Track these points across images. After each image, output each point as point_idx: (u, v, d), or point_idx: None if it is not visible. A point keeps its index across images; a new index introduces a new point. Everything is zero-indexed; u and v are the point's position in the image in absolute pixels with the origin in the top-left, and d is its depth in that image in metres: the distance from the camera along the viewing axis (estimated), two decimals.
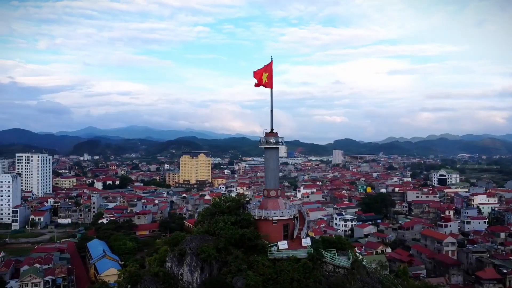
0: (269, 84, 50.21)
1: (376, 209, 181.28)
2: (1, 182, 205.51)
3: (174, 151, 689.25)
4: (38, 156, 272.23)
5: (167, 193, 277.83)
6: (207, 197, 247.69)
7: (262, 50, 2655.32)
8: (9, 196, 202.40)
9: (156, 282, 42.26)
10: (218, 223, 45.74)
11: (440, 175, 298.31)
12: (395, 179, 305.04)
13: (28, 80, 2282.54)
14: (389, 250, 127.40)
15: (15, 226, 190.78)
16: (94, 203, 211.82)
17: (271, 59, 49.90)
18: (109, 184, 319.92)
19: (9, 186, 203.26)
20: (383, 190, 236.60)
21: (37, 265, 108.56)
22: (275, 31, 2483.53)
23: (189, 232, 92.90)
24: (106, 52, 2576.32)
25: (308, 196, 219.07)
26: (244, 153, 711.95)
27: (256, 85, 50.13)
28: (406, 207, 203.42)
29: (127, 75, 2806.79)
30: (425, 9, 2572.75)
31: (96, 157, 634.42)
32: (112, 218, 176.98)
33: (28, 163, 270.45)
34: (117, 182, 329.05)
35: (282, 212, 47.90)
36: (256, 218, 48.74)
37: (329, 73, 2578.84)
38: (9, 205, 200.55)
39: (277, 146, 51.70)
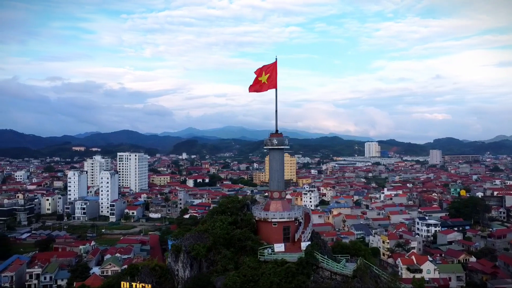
0: (273, 85, 49.14)
1: (466, 215, 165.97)
2: (101, 178, 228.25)
3: (265, 150, 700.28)
4: (136, 155, 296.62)
5: (251, 191, 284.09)
6: (288, 196, 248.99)
7: (356, 47, 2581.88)
8: (108, 191, 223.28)
9: (153, 276, 44.27)
10: (216, 222, 46.17)
11: None
12: (497, 182, 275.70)
13: (135, 85, 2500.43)
14: (473, 259, 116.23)
15: (112, 219, 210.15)
16: (180, 200, 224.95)
17: (276, 59, 48.85)
18: (200, 182, 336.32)
19: (108, 182, 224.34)
20: (479, 194, 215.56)
21: (118, 255, 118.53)
22: (369, 27, 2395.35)
23: None
24: (204, 57, 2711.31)
25: (391, 198, 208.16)
26: (335, 152, 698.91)
27: (250, 90, 49.32)
28: (504, 213, 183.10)
29: (223, 77, 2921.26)
30: None
31: (193, 156, 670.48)
32: (194, 214, 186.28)
33: (127, 161, 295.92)
34: (207, 180, 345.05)
35: (281, 214, 46.72)
36: (256, 219, 48.25)
37: (428, 67, 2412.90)
38: (108, 199, 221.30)
39: (281, 147, 50.42)
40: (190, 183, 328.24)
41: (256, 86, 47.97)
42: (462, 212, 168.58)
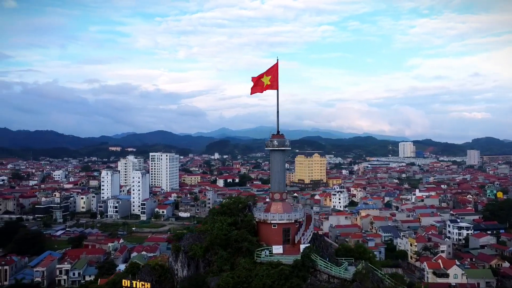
0: (274, 86, 48.56)
1: (501, 217, 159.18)
2: (133, 178, 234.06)
3: (297, 150, 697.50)
4: (167, 155, 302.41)
5: None
6: (317, 197, 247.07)
7: (390, 45, 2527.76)
8: (139, 190, 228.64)
9: (153, 275, 44.87)
10: (216, 223, 46.20)
11: None
12: None
13: (170, 87, 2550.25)
14: (506, 265, 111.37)
15: (143, 217, 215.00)
16: (209, 199, 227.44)
17: (277, 59, 48.38)
18: (230, 181, 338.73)
19: (139, 182, 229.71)
20: None
21: (144, 253, 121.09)
22: (404, 24, 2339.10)
23: None
24: (236, 58, 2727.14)
25: (422, 200, 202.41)
26: (368, 152, 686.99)
27: (251, 92, 49.00)
28: None
29: None
30: None
31: (225, 156, 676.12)
32: None
33: (159, 161, 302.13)
34: (237, 180, 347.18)
35: (281, 216, 46.16)
36: (257, 220, 47.93)
37: (466, 65, 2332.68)
38: (139, 198, 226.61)
39: (282, 148, 49.81)
40: (220, 183, 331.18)
41: (257, 88, 47.78)
42: (497, 215, 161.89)
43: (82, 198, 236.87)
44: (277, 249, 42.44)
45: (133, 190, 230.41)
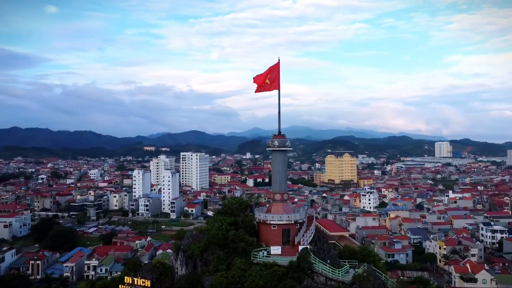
0: (276, 86, 48.24)
1: None
2: (163, 177, 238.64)
3: (329, 150, 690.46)
4: (197, 155, 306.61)
5: (310, 192, 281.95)
6: (346, 197, 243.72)
7: (427, 42, 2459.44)
8: (169, 189, 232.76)
9: (153, 273, 45.47)
10: (216, 222, 46.20)
11: None
12: None
13: (203, 87, 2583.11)
14: None
15: (172, 216, 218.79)
16: None
17: (278, 59, 47.79)
18: (260, 181, 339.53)
19: (169, 181, 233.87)
20: None
21: (169, 251, 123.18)
22: (441, 20, 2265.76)
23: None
24: (268, 57, 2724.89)
25: (455, 202, 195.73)
26: (403, 152, 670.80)
27: (256, 91, 48.68)
28: None
29: (288, 77, 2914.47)
30: None
31: (257, 156, 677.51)
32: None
33: (189, 161, 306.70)
34: (266, 180, 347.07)
35: (280, 217, 45.62)
36: (257, 221, 47.60)
37: (508, 61, 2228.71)
38: (169, 197, 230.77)
39: (283, 149, 49.23)
40: (250, 182, 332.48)
41: (261, 87, 47.63)
42: None
43: (115, 197, 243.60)
44: (275, 250, 42.22)
45: (163, 189, 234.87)
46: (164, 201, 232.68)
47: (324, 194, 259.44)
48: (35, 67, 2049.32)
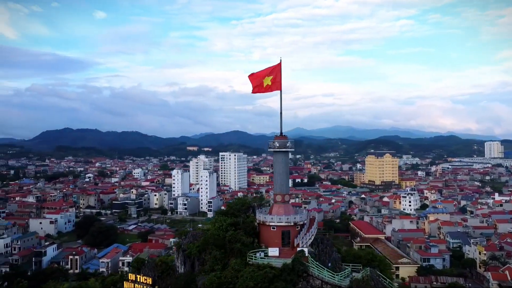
0: (277, 86, 47.37)
1: None
2: (201, 177, 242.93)
3: (372, 150, 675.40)
4: (235, 155, 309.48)
5: (349, 192, 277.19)
6: (385, 199, 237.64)
7: (476, 37, 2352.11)
8: (207, 188, 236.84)
9: (155, 270, 46.10)
10: (216, 223, 46.12)
11: None
12: None
13: (245, 88, 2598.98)
14: None
15: (209, 215, 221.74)
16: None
17: (280, 60, 46.95)
18: (298, 181, 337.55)
19: (207, 181, 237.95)
20: None
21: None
22: (491, 14, 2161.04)
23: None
24: (310, 57, 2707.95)
25: (501, 205, 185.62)
26: (450, 153, 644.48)
27: (253, 91, 48.21)
28: None
29: (330, 76, 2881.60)
30: None
31: (298, 156, 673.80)
32: None
33: (228, 161, 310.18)
34: (305, 180, 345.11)
35: (279, 218, 44.89)
36: (257, 222, 47.18)
37: None
38: (207, 196, 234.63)
39: (284, 150, 48.42)
40: (289, 183, 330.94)
41: (260, 88, 47.20)
42: None
43: (155, 195, 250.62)
44: (273, 251, 41.89)
45: (201, 188, 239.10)
46: (201, 200, 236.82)
47: (363, 195, 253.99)
48: (85, 70, 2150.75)
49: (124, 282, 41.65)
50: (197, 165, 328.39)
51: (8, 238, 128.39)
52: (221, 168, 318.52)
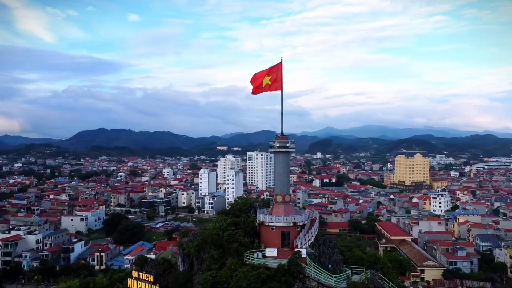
0: (278, 86, 46.91)
1: None
2: (227, 176, 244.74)
3: (404, 150, 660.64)
4: (262, 155, 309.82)
5: (378, 193, 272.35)
6: (415, 200, 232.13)
7: None
8: (233, 188, 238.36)
9: (157, 268, 46.56)
10: (217, 222, 46.10)
11: None
12: None
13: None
14: None
15: None
16: (299, 198, 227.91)
17: (281, 59, 46.33)
18: (326, 181, 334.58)
19: (233, 180, 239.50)
20: None
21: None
22: None
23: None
24: (341, 55, 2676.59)
25: None
26: (486, 152, 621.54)
27: (253, 92, 47.79)
28: None
29: (362, 75, 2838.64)
30: None
31: (327, 156, 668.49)
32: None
33: (255, 160, 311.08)
34: (334, 180, 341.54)
35: (279, 218, 44.35)
36: (258, 222, 46.85)
37: None
38: (233, 195, 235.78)
39: (285, 150, 47.78)
40: (316, 182, 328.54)
41: (259, 88, 46.95)
42: None
43: (183, 194, 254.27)
44: (271, 252, 41.71)
45: (227, 187, 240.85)
46: (228, 199, 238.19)
47: (392, 196, 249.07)
48: (119, 72, 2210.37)
49: (128, 279, 42.80)
50: (224, 165, 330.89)
51: (40, 234, 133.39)
52: (249, 167, 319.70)
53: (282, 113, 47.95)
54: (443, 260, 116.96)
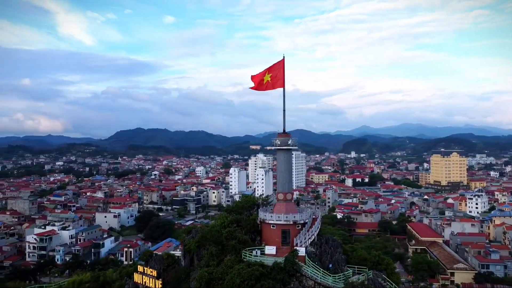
0: (280, 84, 46.41)
1: None
2: (257, 175, 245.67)
3: (442, 149, 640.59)
4: (292, 154, 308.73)
5: (412, 193, 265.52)
6: (450, 200, 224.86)
7: None
8: (262, 186, 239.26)
9: (161, 264, 47.10)
10: (218, 219, 46.01)
11: None
12: None
13: (308, 86, 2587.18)
14: None
15: None
16: (329, 198, 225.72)
17: (283, 56, 45.62)
18: (359, 181, 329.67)
19: (262, 179, 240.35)
20: None
21: None
22: None
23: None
24: (376, 53, 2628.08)
25: None
26: None
27: (253, 87, 47.03)
28: None
29: (398, 72, 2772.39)
30: None
31: (362, 155, 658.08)
32: (338, 213, 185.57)
33: None
34: (366, 180, 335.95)
35: (279, 217, 43.82)
36: (259, 220, 46.52)
37: None
38: (262, 194, 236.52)
39: (287, 148, 47.08)
40: (349, 182, 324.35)
41: (260, 86, 46.72)
42: None
43: (214, 193, 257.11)
44: (270, 250, 41.49)
45: (257, 186, 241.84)
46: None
47: (426, 197, 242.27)
48: (156, 73, 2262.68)
49: (134, 273, 44.10)
50: (255, 164, 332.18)
51: (73, 230, 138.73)
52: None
53: (284, 110, 47.79)
54: (475, 263, 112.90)
